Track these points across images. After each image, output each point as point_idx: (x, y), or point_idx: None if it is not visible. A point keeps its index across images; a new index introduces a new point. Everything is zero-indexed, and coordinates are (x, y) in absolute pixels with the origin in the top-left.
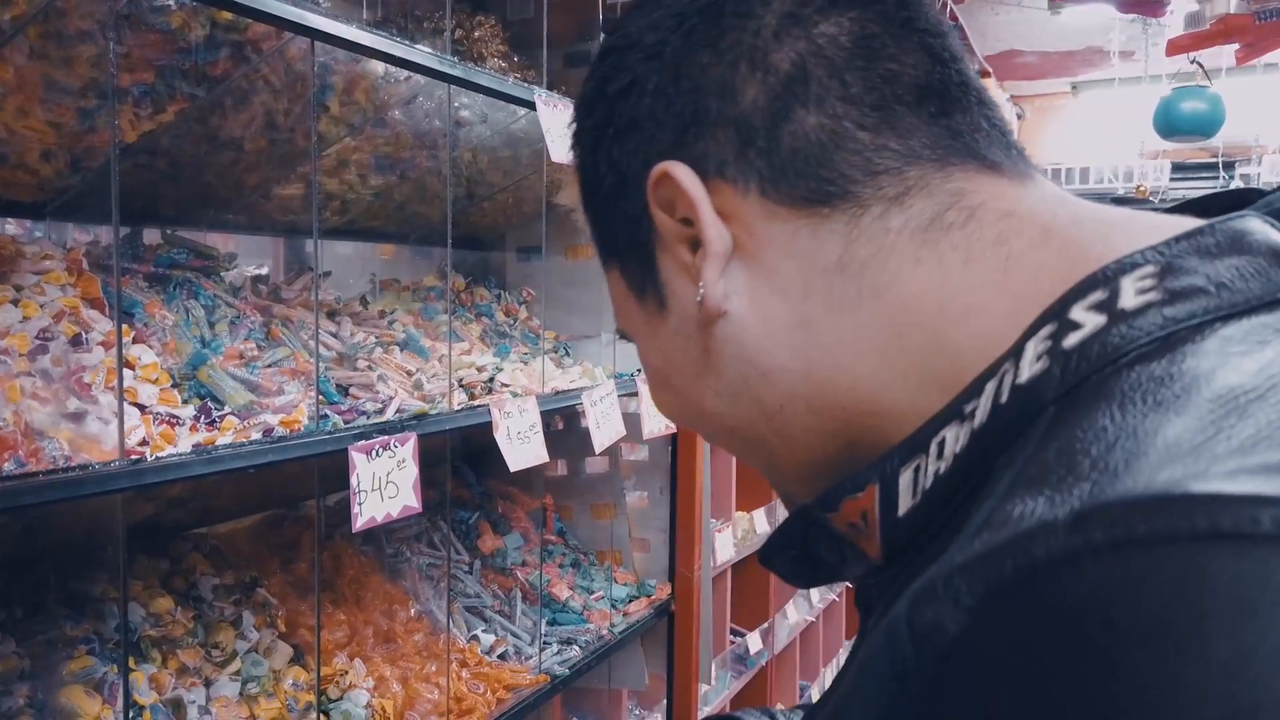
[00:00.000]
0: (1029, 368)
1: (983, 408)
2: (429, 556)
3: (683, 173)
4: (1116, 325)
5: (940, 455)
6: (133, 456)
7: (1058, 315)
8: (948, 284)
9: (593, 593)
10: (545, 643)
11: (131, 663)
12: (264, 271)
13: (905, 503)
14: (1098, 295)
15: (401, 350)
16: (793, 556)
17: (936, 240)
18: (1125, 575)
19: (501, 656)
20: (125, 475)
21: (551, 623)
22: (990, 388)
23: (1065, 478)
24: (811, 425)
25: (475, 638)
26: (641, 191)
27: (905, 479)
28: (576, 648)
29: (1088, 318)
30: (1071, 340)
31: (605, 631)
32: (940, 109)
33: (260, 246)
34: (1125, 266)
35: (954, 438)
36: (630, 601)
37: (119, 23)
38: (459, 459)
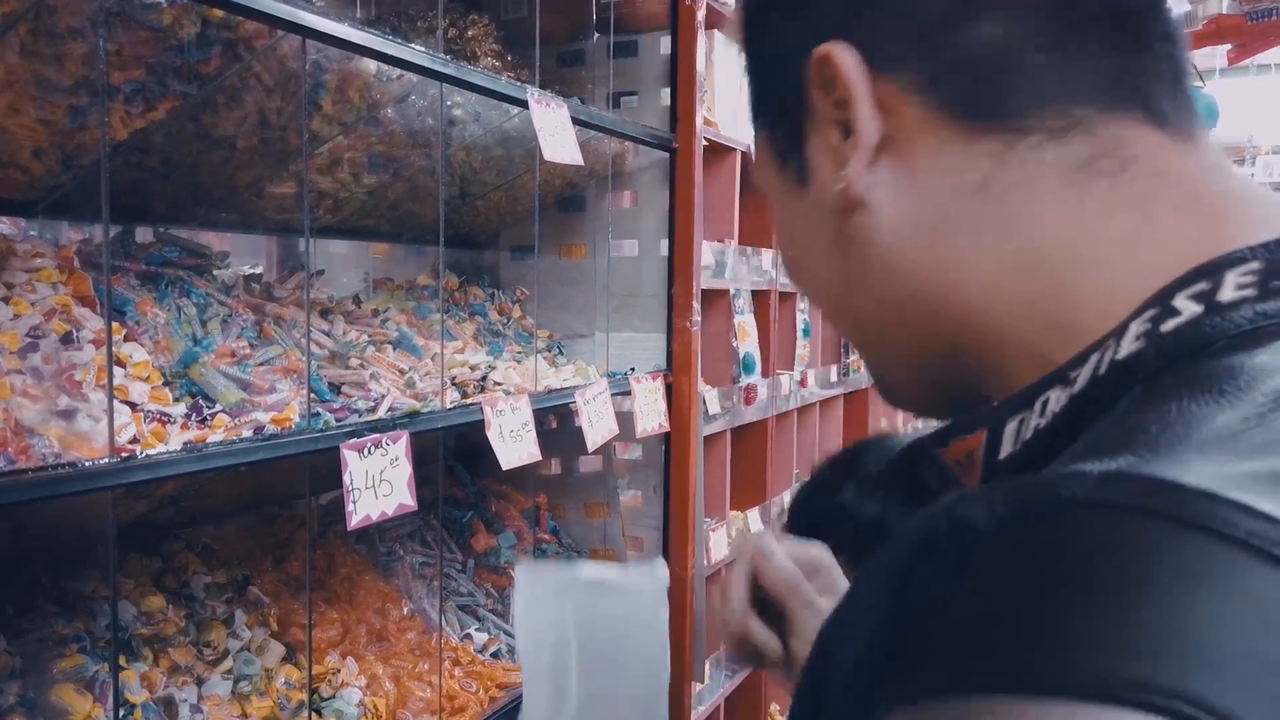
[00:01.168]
0: (1128, 346)
1: (1084, 376)
2: (422, 555)
3: (847, 58)
4: (1211, 316)
5: (1042, 413)
6: (123, 454)
7: (1162, 301)
8: (1084, 232)
9: None
10: None
11: (123, 661)
12: (257, 270)
13: (1006, 449)
14: (1201, 285)
15: (394, 349)
16: (905, 483)
17: (1085, 184)
18: (1113, 534)
19: (495, 655)
20: (115, 472)
21: None
22: (1094, 359)
23: (1119, 448)
24: (923, 329)
25: (468, 636)
26: (802, 66)
27: (1010, 429)
28: None
29: (1187, 306)
30: (1168, 325)
31: None
32: (1122, 44)
33: (253, 245)
34: (1233, 260)
35: (1055, 399)
36: None
37: (110, 20)
38: (452, 458)
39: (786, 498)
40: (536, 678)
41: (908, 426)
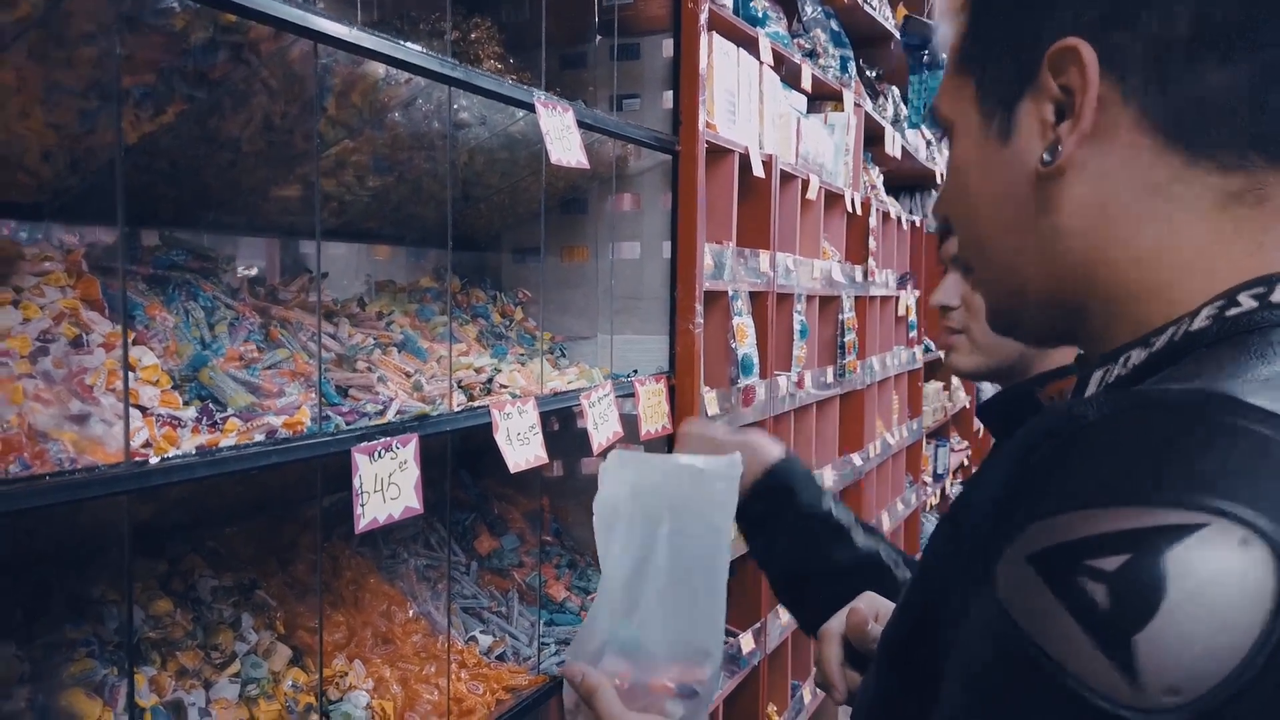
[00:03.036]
0: (1199, 323)
1: (1162, 340)
2: (426, 558)
3: (1090, 56)
4: (1262, 310)
5: (1125, 365)
6: (137, 459)
7: (1229, 295)
8: (1213, 245)
9: (589, 593)
10: (543, 643)
11: (136, 665)
12: (252, 272)
13: (1090, 390)
14: (1260, 289)
15: (399, 351)
16: (998, 415)
17: (1228, 209)
18: (1183, 420)
19: (500, 657)
20: (131, 478)
21: (549, 623)
22: (1171, 330)
23: (1189, 378)
24: (1065, 285)
25: (473, 638)
26: (1044, 46)
27: (1095, 376)
28: None
29: (1246, 300)
30: (1231, 312)
31: None
32: None
33: (255, 248)
34: None
35: (1137, 355)
36: None
37: (122, 24)
38: (455, 460)
39: None
40: (616, 541)
41: (901, 427)
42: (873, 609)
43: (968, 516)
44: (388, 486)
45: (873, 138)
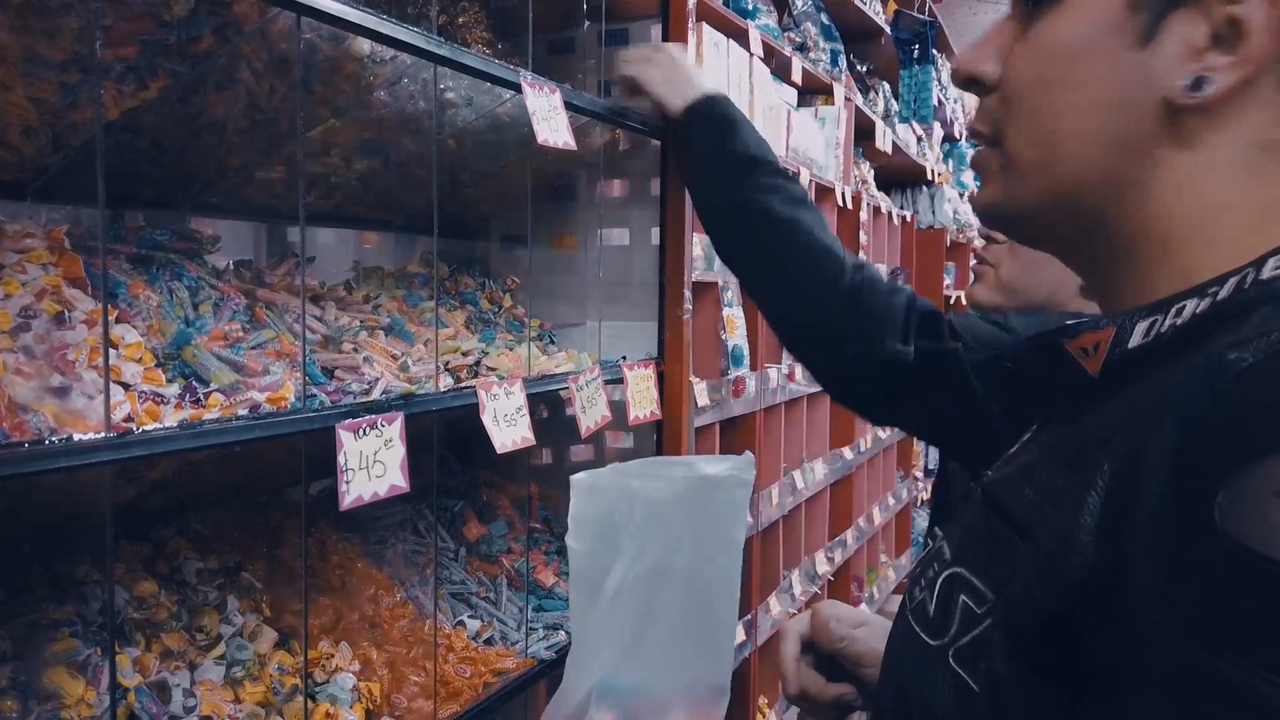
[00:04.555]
0: (1269, 271)
1: (1226, 289)
2: (413, 544)
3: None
4: None
5: (1178, 315)
6: (119, 431)
7: None
8: None
9: None
10: (531, 628)
11: (116, 645)
12: (241, 258)
13: (1135, 340)
14: None
15: (386, 335)
16: (1004, 369)
17: None
18: None
19: (488, 642)
20: (113, 447)
21: (537, 609)
22: (1234, 280)
23: None
24: (1126, 211)
25: (461, 623)
26: None
27: (1141, 326)
28: (563, 633)
29: None
30: None
31: None
32: None
33: (241, 231)
34: None
35: (1194, 305)
36: None
37: None
38: (443, 447)
39: (775, 491)
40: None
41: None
42: (834, 613)
43: (1131, 478)
44: (373, 464)
45: (863, 132)
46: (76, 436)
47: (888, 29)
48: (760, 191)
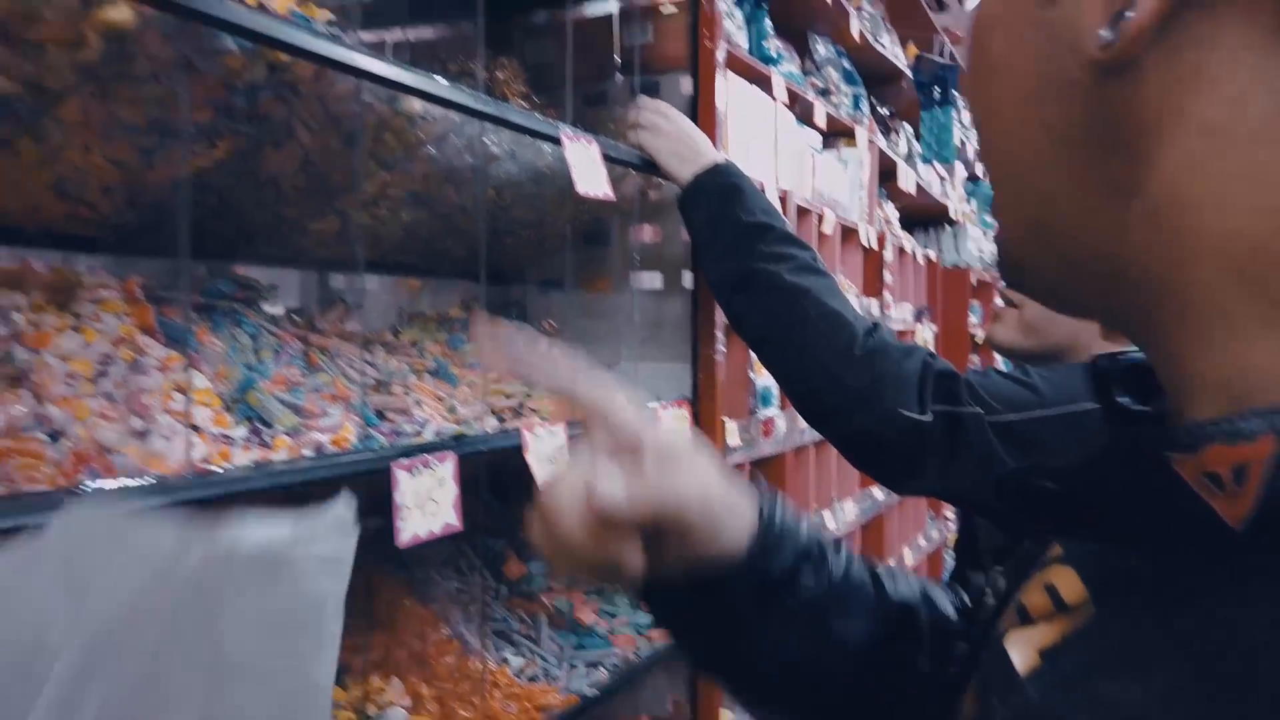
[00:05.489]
0: None
1: None
2: (457, 582)
3: None
4: None
5: None
6: (198, 471)
7: None
8: None
9: (616, 617)
10: (572, 665)
11: None
12: (292, 304)
13: None
14: None
15: (433, 378)
16: (1040, 491)
17: None
18: None
19: (531, 678)
20: (197, 486)
21: (578, 647)
22: None
23: None
24: (1124, 247)
25: (505, 660)
26: None
27: None
28: (604, 670)
29: None
30: None
31: (632, 655)
32: None
33: (291, 280)
34: None
35: None
36: (653, 627)
37: (184, 65)
38: (483, 488)
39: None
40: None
41: None
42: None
43: None
44: (427, 503)
45: (886, 173)
46: (164, 476)
47: (909, 72)
48: (766, 260)
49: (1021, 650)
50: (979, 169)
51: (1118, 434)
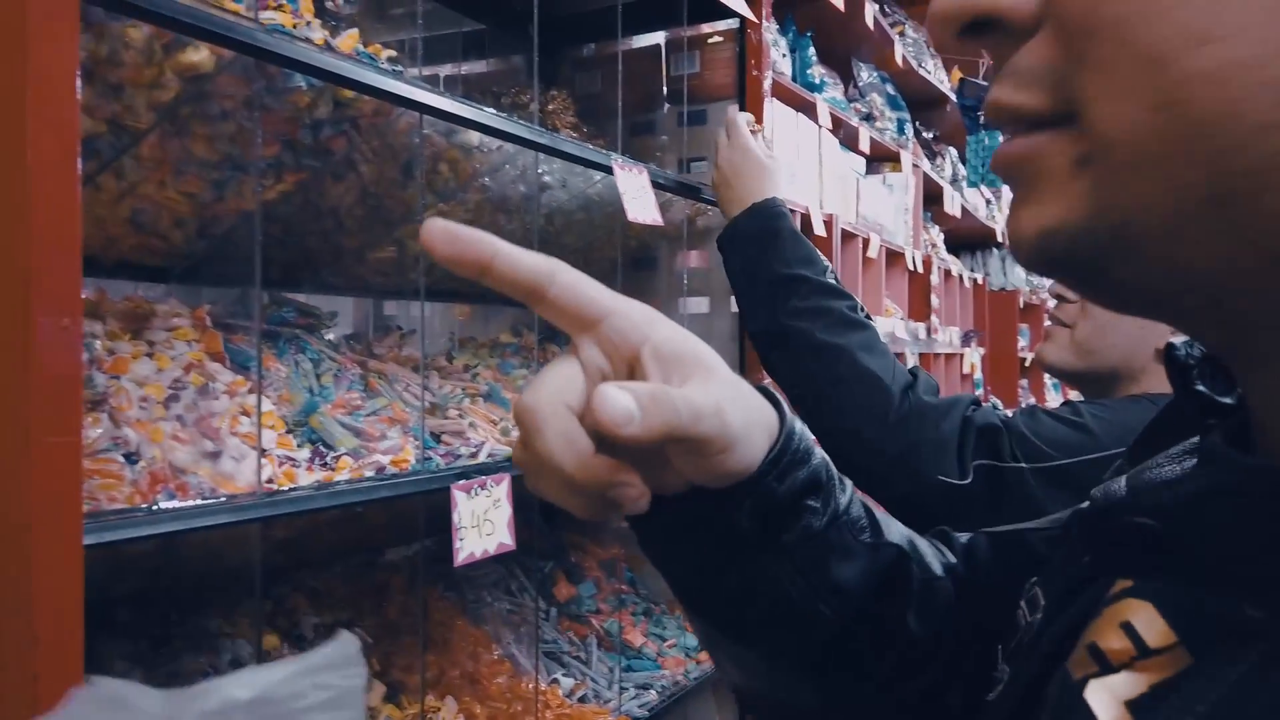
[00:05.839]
0: None
1: None
2: (508, 603)
3: None
4: None
5: None
6: (267, 491)
7: None
8: None
9: (665, 640)
10: (622, 687)
11: None
12: (351, 330)
13: None
14: None
15: (485, 401)
16: (1131, 527)
17: None
18: None
19: (581, 699)
20: (265, 505)
21: (627, 669)
22: None
23: None
24: None
25: (555, 681)
26: None
27: None
28: (653, 692)
29: None
30: None
31: (681, 677)
32: None
33: (343, 306)
34: None
35: None
36: (703, 650)
37: (256, 102)
38: (531, 510)
39: None
40: None
41: None
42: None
43: None
44: (483, 523)
45: (932, 197)
46: (235, 496)
47: (953, 96)
48: (800, 317)
49: (1105, 705)
50: None
51: (1220, 468)
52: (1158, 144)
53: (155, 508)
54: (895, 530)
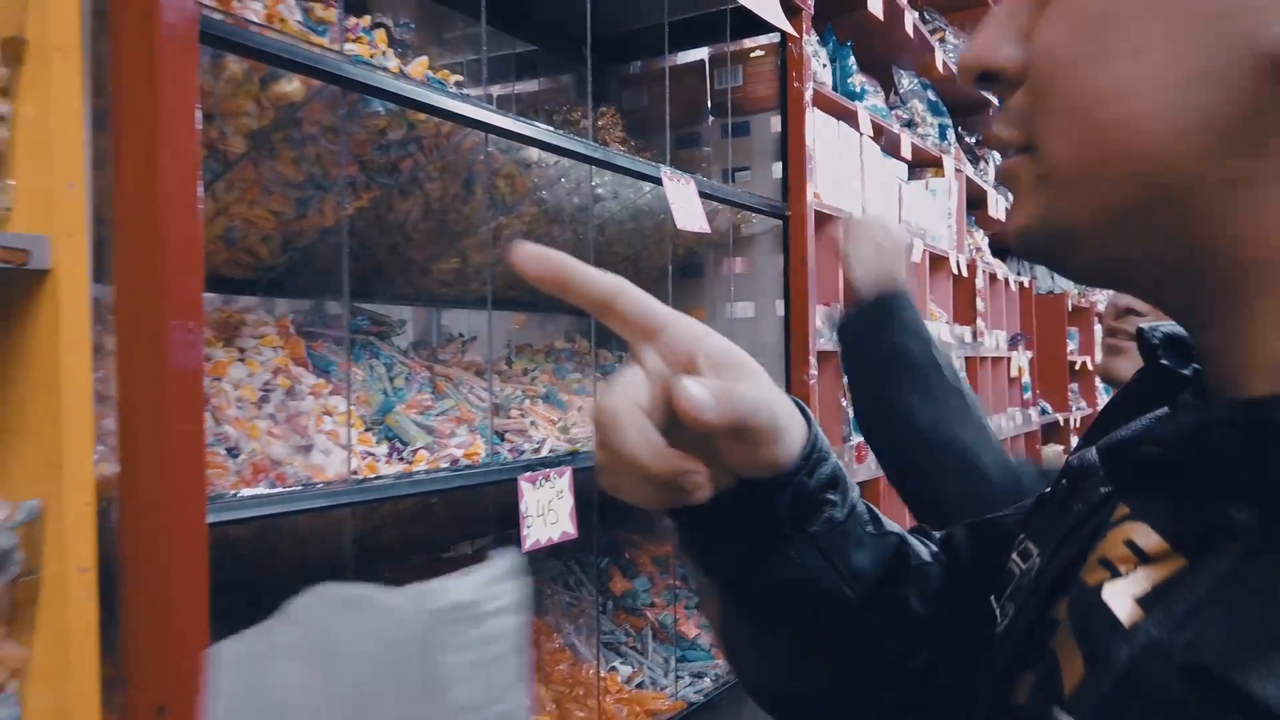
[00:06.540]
0: None
1: None
2: (567, 596)
3: None
4: None
5: None
6: (356, 478)
7: None
8: None
9: None
10: (678, 675)
11: None
12: (416, 338)
13: None
14: None
15: (544, 402)
16: (1142, 458)
17: None
18: None
19: (639, 686)
20: (357, 490)
21: (681, 659)
22: None
23: None
24: (1235, 233)
25: (614, 668)
26: None
27: None
28: (708, 680)
29: None
30: None
31: None
32: None
33: (405, 314)
34: None
35: None
36: (723, 650)
37: (341, 126)
38: (588, 509)
39: None
40: None
41: None
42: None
43: None
44: (547, 512)
45: (975, 201)
46: (328, 483)
47: (995, 101)
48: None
49: (1119, 599)
50: None
51: (1235, 406)
52: (1086, 170)
53: (262, 492)
54: (891, 524)
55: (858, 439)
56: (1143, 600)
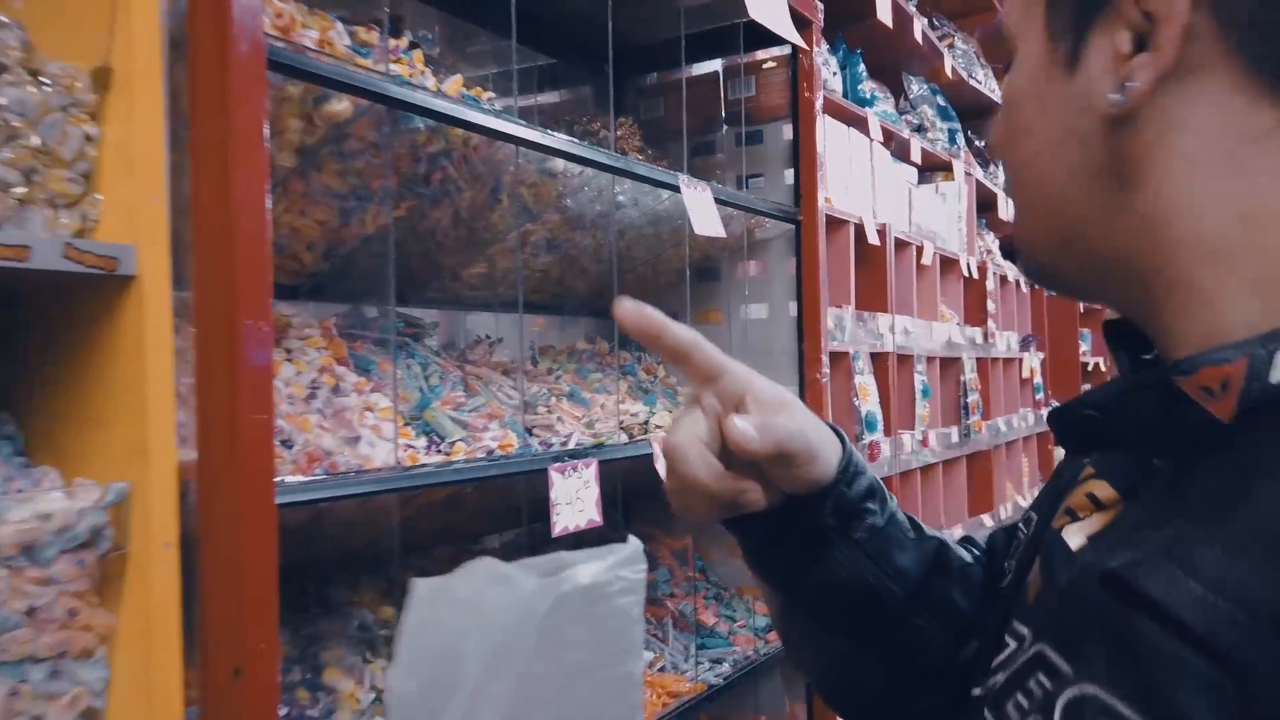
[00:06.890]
0: None
1: None
2: None
3: None
4: None
5: None
6: (402, 467)
7: None
8: None
9: (735, 620)
10: (699, 661)
11: (370, 655)
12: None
13: (1277, 375)
14: None
15: (569, 400)
16: (1083, 419)
17: None
18: None
19: (661, 670)
20: (404, 476)
21: (701, 646)
22: None
23: None
24: (1132, 241)
25: None
26: None
27: None
28: (727, 665)
29: None
30: None
31: (751, 653)
32: None
33: (434, 318)
34: None
35: None
36: (770, 630)
37: (384, 140)
38: (609, 502)
39: None
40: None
41: (1033, 491)
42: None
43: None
44: (575, 501)
45: (985, 204)
46: (377, 470)
47: None
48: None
49: (1074, 537)
50: None
51: (1144, 372)
52: (1028, 217)
53: (323, 477)
54: (931, 530)
55: (870, 437)
56: (1092, 537)
